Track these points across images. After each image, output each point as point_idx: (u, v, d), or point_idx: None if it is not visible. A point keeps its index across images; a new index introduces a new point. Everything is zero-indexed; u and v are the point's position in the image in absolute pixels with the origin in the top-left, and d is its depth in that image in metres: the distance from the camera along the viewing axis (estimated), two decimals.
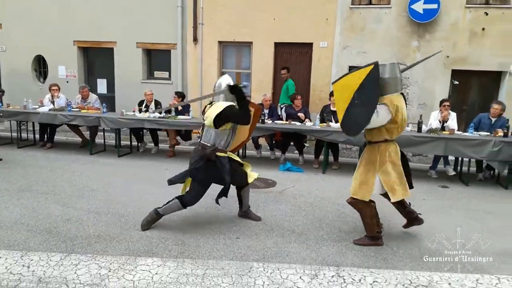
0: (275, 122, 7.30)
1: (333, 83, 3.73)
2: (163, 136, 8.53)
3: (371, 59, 4.15)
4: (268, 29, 9.29)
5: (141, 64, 10.23)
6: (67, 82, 10.41)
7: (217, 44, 9.72)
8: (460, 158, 6.88)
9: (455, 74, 8.64)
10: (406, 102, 3.84)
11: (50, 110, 7.83)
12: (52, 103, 8.17)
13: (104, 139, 8.24)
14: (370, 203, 3.70)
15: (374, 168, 3.62)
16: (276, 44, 9.45)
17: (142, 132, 8.32)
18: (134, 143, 8.27)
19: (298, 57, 9.53)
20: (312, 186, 5.99)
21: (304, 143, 7.97)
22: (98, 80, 10.83)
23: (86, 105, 8.28)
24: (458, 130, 6.90)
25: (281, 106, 8.42)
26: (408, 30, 8.69)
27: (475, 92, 9.00)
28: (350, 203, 3.81)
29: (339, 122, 3.68)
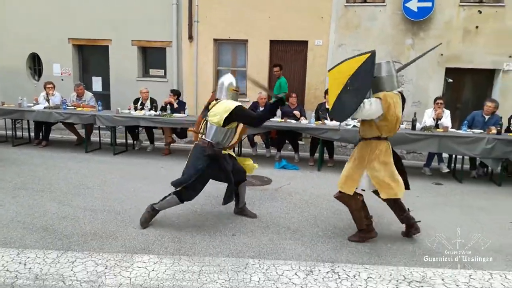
0: (270, 120, 7.29)
1: (329, 70, 3.70)
2: (158, 134, 8.52)
3: None
4: (263, 27, 9.29)
5: (136, 62, 10.19)
6: (62, 80, 10.36)
7: (212, 41, 9.71)
8: (454, 156, 6.94)
9: (449, 72, 8.71)
10: (404, 102, 3.82)
11: (45, 108, 7.80)
12: (47, 101, 8.13)
13: (99, 137, 8.21)
14: (356, 195, 3.72)
15: (363, 164, 3.64)
16: (272, 42, 9.45)
17: (137, 130, 8.31)
18: (130, 141, 8.26)
19: (293, 55, 9.54)
20: (308, 183, 6.03)
21: (299, 140, 8.00)
22: (93, 78, 10.77)
23: (81, 103, 8.25)
24: (452, 128, 6.96)
25: None
26: (403, 28, 8.73)
27: (468, 90, 9.06)
28: (337, 197, 3.84)
29: (329, 106, 3.68)
